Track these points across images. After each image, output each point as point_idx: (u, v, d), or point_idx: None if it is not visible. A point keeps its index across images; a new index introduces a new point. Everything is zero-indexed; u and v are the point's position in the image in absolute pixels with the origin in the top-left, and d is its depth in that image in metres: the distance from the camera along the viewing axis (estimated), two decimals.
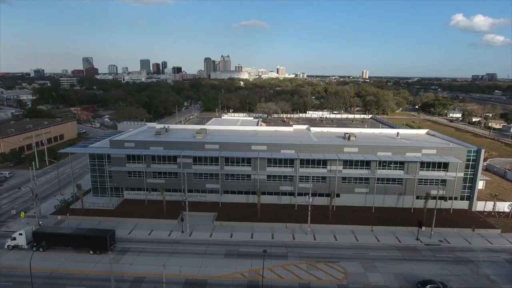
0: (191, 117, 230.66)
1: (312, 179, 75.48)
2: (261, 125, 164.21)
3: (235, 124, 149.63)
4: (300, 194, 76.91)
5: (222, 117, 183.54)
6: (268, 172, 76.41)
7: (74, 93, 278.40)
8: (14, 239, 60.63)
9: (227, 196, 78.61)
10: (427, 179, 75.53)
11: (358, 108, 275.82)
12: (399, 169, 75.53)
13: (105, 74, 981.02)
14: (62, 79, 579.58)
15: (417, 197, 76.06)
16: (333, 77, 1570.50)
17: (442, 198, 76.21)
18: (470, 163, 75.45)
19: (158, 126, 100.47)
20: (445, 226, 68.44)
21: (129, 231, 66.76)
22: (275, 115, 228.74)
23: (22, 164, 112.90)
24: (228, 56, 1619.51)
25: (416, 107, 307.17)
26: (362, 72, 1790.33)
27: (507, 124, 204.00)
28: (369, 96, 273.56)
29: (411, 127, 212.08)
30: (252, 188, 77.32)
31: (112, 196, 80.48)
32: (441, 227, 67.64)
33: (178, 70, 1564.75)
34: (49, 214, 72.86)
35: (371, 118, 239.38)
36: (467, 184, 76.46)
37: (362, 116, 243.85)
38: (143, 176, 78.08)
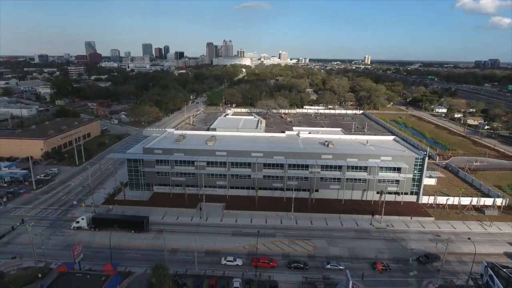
0: (197, 112, 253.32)
1: (297, 178, 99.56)
2: (261, 123, 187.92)
3: (238, 124, 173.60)
4: (288, 190, 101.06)
5: (227, 116, 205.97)
6: (263, 173, 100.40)
7: (88, 88, 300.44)
8: (78, 222, 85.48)
9: (232, 191, 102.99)
10: (385, 179, 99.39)
11: (352, 103, 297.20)
12: (363, 171, 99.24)
13: (109, 61, 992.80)
14: (70, 68, 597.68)
15: (377, 193, 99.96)
16: (335, 63, 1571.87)
17: (396, 193, 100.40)
18: (418, 166, 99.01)
19: (176, 132, 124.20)
20: (393, 214, 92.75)
21: (162, 217, 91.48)
22: (274, 111, 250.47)
23: (63, 161, 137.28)
24: (230, 41, 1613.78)
25: (408, 100, 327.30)
26: (364, 57, 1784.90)
27: (483, 121, 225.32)
28: (362, 92, 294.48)
29: (397, 122, 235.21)
30: (251, 184, 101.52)
31: (144, 190, 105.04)
32: (390, 215, 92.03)
33: (180, 55, 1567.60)
34: (101, 204, 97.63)
35: (362, 113, 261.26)
36: (415, 183, 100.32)
37: (354, 111, 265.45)
38: (169, 175, 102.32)
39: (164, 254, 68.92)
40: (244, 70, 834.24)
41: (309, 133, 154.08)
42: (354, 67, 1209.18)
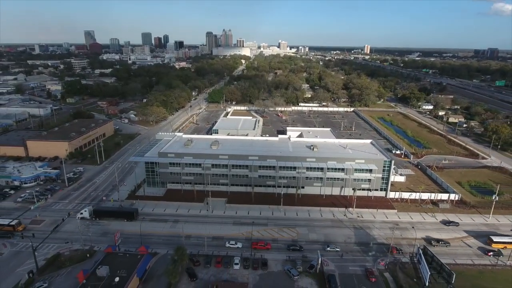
0: (200, 110, 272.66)
1: (286, 177, 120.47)
2: (258, 123, 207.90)
3: (237, 125, 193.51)
4: (279, 187, 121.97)
5: (227, 117, 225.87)
6: (259, 173, 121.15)
7: (96, 86, 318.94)
8: (82, 213, 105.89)
9: (233, 188, 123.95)
10: (358, 178, 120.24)
11: (344, 100, 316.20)
12: (341, 172, 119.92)
13: (110, 53, 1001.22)
14: (74, 62, 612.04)
15: (352, 189, 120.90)
16: (334, 52, 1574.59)
17: (368, 189, 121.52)
18: (386, 168, 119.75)
19: (185, 136, 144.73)
20: (364, 207, 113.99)
21: (176, 209, 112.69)
22: (271, 109, 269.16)
23: (85, 161, 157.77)
24: (230, 30, 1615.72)
25: (398, 96, 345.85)
26: (364, 46, 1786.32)
27: (463, 120, 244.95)
28: (354, 90, 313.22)
29: (385, 119, 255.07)
30: (249, 183, 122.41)
31: (160, 187, 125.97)
32: (361, 208, 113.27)
33: (180, 44, 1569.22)
34: (125, 199, 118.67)
35: (353, 111, 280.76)
36: (384, 181, 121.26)
37: (346, 109, 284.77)
38: (180, 175, 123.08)
39: (181, 239, 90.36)
40: (243, 61, 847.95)
41: (301, 133, 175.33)
42: (353, 58, 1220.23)
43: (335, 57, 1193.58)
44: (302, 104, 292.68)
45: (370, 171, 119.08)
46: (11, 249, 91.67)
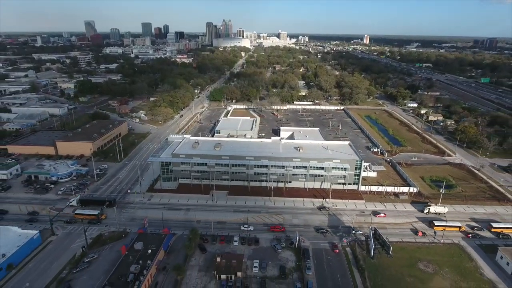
0: (202, 109, 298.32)
1: (276, 174, 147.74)
2: (255, 123, 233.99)
3: (236, 126, 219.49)
4: (270, 181, 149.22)
5: (228, 117, 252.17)
6: (254, 170, 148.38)
7: (106, 85, 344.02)
8: (71, 202, 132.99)
9: (233, 182, 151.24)
10: (335, 175, 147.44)
11: (336, 98, 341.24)
12: (321, 169, 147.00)
13: (113, 45, 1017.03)
14: (80, 57, 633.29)
15: (331, 184, 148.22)
16: (334, 43, 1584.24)
17: (343, 184, 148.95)
18: (357, 166, 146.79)
19: (192, 138, 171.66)
20: (338, 198, 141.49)
21: (187, 200, 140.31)
22: (267, 107, 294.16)
23: (107, 159, 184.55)
24: (230, 21, 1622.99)
25: (388, 93, 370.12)
26: (364, 36, 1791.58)
27: (441, 118, 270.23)
28: (345, 88, 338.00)
29: (371, 118, 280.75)
30: (246, 178, 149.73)
31: (173, 181, 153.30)
32: (336, 199, 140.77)
33: (180, 35, 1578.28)
34: (145, 191, 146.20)
35: (342, 109, 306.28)
36: (356, 177, 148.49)
37: (336, 107, 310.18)
38: (190, 172, 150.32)
39: (193, 223, 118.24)
40: (243, 54, 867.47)
41: (292, 133, 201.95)
42: (351, 49, 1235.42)
43: (334, 49, 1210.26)
44: (296, 103, 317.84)
45: (345, 169, 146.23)
46: (62, 231, 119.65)
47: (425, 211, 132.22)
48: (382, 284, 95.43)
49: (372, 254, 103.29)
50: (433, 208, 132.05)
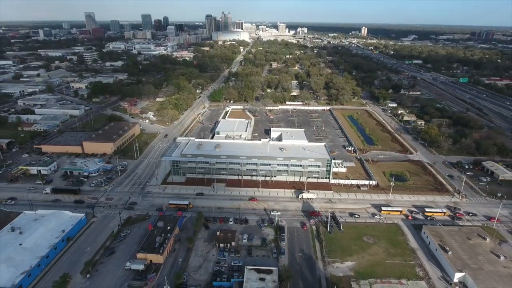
0: (204, 109, 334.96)
1: (264, 170, 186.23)
2: (250, 123, 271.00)
3: (233, 127, 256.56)
4: (259, 176, 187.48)
5: (226, 119, 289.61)
6: (246, 167, 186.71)
7: (116, 86, 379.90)
8: (46, 190, 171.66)
9: (230, 176, 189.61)
10: (311, 171, 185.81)
11: (324, 98, 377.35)
12: (299, 166, 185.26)
13: (114, 40, 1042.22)
14: (85, 54, 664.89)
15: (306, 178, 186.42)
16: (331, 35, 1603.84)
17: (317, 177, 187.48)
18: (328, 164, 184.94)
19: (197, 140, 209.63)
20: (312, 189, 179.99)
21: (193, 191, 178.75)
22: (262, 107, 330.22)
23: (125, 157, 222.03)
24: (229, 13, 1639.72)
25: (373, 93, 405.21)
26: (361, 29, 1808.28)
27: (414, 118, 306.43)
28: (332, 90, 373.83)
29: (353, 117, 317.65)
30: (240, 173, 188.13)
31: (181, 176, 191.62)
32: (310, 189, 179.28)
33: (180, 27, 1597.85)
34: (160, 184, 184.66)
35: (329, 109, 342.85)
36: (327, 172, 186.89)
37: (323, 108, 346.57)
38: (195, 168, 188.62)
39: (199, 208, 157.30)
40: (241, 49, 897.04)
41: (281, 134, 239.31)
42: (347, 42, 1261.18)
43: (331, 42, 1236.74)
44: (288, 103, 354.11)
45: (318, 166, 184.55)
46: (100, 214, 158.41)
47: (299, 197, 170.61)
48: (334, 250, 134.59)
49: (329, 230, 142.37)
50: (306, 195, 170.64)
